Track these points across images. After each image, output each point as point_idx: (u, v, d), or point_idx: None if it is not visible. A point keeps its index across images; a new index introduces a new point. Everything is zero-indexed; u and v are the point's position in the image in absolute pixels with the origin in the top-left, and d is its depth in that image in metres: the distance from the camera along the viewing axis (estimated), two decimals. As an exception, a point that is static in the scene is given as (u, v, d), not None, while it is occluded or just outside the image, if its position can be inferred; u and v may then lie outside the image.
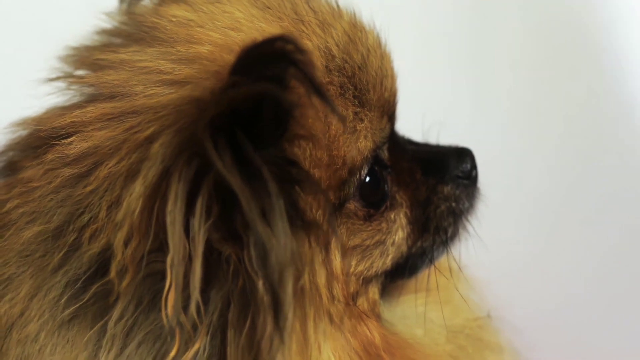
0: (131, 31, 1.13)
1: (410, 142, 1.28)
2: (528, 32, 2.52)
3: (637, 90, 2.49)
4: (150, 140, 0.91)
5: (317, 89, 0.88)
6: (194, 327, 0.91)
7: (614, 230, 2.35)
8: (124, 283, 0.91)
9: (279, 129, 0.93)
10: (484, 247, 1.34)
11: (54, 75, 1.16)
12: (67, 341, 0.97)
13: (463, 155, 1.27)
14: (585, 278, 2.27)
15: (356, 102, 1.08)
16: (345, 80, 1.07)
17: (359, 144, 1.07)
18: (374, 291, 1.17)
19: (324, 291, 1.01)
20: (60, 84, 1.14)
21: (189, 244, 0.87)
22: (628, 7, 2.52)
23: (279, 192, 0.87)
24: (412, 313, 1.26)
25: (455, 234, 1.25)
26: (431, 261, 1.23)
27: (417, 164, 1.23)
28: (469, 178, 1.26)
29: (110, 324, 0.94)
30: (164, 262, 0.90)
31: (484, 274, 1.40)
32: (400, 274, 1.22)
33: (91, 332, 0.96)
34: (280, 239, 0.86)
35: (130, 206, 0.89)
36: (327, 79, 1.04)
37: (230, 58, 0.90)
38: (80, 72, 1.13)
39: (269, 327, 0.88)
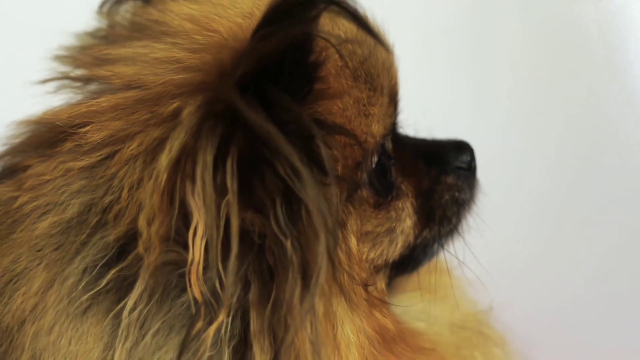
0: (128, 30, 1.14)
1: (408, 137, 1.30)
2: (528, 31, 2.57)
3: (637, 89, 2.53)
4: (174, 114, 0.91)
5: (362, 22, 0.92)
6: (218, 303, 0.91)
7: (614, 230, 2.39)
8: (151, 259, 0.91)
9: (305, 87, 0.95)
10: (483, 247, 1.35)
11: (49, 76, 1.16)
12: (82, 333, 0.96)
13: (462, 147, 1.31)
14: (585, 278, 2.29)
15: (369, 86, 1.10)
16: (358, 65, 1.09)
17: (372, 128, 1.09)
18: (381, 281, 1.18)
19: (344, 265, 1.02)
20: (59, 84, 1.14)
21: (217, 212, 0.87)
22: (628, 7, 2.56)
23: (322, 142, 0.88)
24: (412, 309, 1.27)
25: (459, 224, 1.28)
26: (434, 253, 1.26)
27: (418, 155, 1.25)
28: (469, 169, 1.29)
29: (125, 313, 0.94)
30: (176, 251, 0.91)
31: (483, 273, 1.41)
32: (405, 266, 1.24)
33: (106, 322, 0.95)
34: (326, 188, 0.88)
35: (157, 180, 0.89)
36: (342, 63, 1.05)
37: (248, 36, 0.91)
38: (79, 71, 1.13)
39: (299, 287, 0.89)
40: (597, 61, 2.57)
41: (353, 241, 1.06)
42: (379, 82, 1.12)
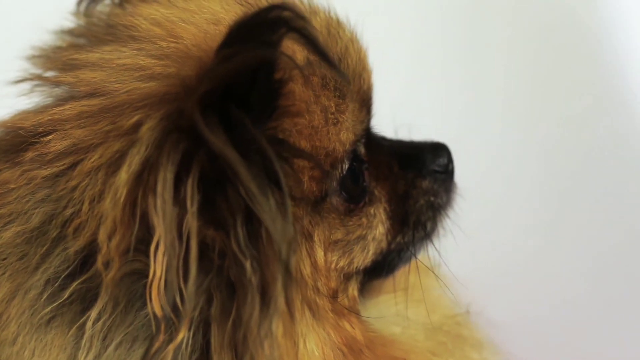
0: (102, 31, 1.12)
1: (384, 139, 1.28)
2: (522, 28, 2.54)
3: (633, 87, 2.51)
4: (135, 127, 0.90)
5: (320, 51, 0.89)
6: (178, 318, 0.89)
7: (608, 229, 2.38)
8: (110, 275, 0.90)
9: (269, 107, 0.93)
10: (470, 244, 1.34)
11: (21, 77, 1.14)
12: (46, 344, 0.95)
13: (439, 150, 1.29)
14: (581, 278, 2.28)
15: (337, 94, 1.08)
16: (327, 72, 1.07)
17: (341, 136, 1.07)
18: (353, 288, 1.16)
19: (309, 281, 1.01)
20: (28, 86, 1.12)
21: (176, 229, 0.86)
22: (627, 4, 2.54)
23: (277, 164, 0.87)
24: (388, 312, 1.27)
25: (434, 229, 1.26)
26: (410, 257, 1.24)
27: (393, 158, 1.23)
28: (446, 172, 1.27)
29: (88, 324, 0.93)
30: (141, 261, 0.90)
31: (470, 270, 1.40)
32: (378, 272, 1.22)
33: (69, 333, 0.94)
34: (280, 213, 0.86)
35: (116, 195, 0.88)
36: (310, 71, 1.04)
37: (213, 45, 0.90)
38: (50, 73, 1.11)
39: (257, 309, 0.88)
40: (594, 57, 2.55)
41: (320, 252, 1.05)
42: (348, 88, 1.10)
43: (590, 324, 2.17)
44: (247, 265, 0.88)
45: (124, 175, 0.88)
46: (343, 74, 1.02)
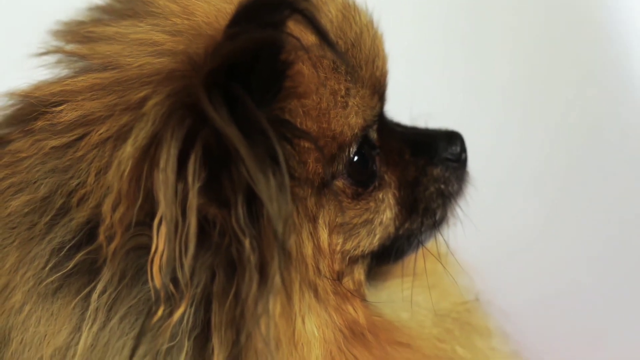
0: (123, 7, 1.13)
1: (398, 125, 1.28)
2: (524, 19, 2.53)
3: (634, 80, 2.50)
4: (142, 101, 0.90)
5: (323, 33, 0.90)
6: (180, 294, 0.90)
7: (609, 216, 2.37)
8: (112, 247, 0.91)
9: (274, 87, 0.93)
10: (478, 232, 1.33)
11: (44, 49, 1.15)
12: (52, 314, 0.96)
13: (453, 138, 1.28)
14: (582, 266, 2.28)
15: (349, 78, 1.08)
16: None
17: (350, 120, 1.07)
18: (359, 272, 1.17)
19: (310, 262, 1.01)
20: (51, 58, 1.13)
21: (179, 205, 0.87)
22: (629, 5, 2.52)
23: (279, 143, 0.88)
24: (398, 297, 1.26)
25: (443, 217, 1.25)
26: (419, 244, 1.23)
27: (406, 144, 1.23)
28: (458, 161, 1.26)
29: (94, 296, 0.94)
30: (148, 235, 0.90)
31: (479, 258, 1.40)
32: (386, 257, 1.22)
33: (75, 304, 0.96)
34: (279, 192, 0.87)
35: (120, 167, 0.89)
36: (321, 53, 1.04)
37: (224, 24, 0.91)
38: (71, 46, 1.12)
39: (254, 287, 0.89)
40: (598, 48, 2.53)
41: (324, 234, 1.05)
42: (360, 73, 1.10)
43: (596, 310, 2.17)
44: (247, 243, 0.89)
45: (129, 149, 0.89)
46: (343, 57, 1.02)
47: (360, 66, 1.10)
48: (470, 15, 2.52)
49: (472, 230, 1.33)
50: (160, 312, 0.90)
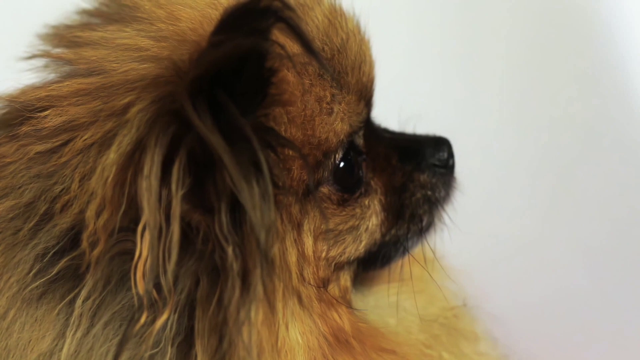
0: (111, 11, 1.13)
1: (386, 131, 1.28)
2: (518, 20, 2.53)
3: (629, 81, 2.50)
4: (126, 108, 0.90)
5: (305, 42, 0.89)
6: (163, 300, 0.90)
7: (601, 219, 2.38)
8: (95, 253, 0.91)
9: (259, 94, 0.93)
10: (469, 236, 1.33)
11: (32, 53, 1.14)
12: (36, 319, 0.96)
13: (440, 144, 1.27)
14: (572, 268, 2.29)
15: (334, 84, 1.08)
16: (325, 62, 1.07)
17: (335, 126, 1.07)
18: (345, 278, 1.16)
19: (294, 270, 1.01)
20: (38, 62, 1.13)
21: (162, 212, 0.87)
22: (624, 1, 2.52)
23: (262, 152, 0.87)
24: (385, 302, 1.26)
25: (430, 223, 1.25)
26: (405, 250, 1.23)
27: (393, 150, 1.23)
28: (446, 167, 1.26)
29: (78, 302, 0.94)
30: (133, 241, 0.90)
31: (470, 262, 1.40)
32: (372, 263, 1.22)
33: (59, 310, 0.96)
34: (262, 200, 0.87)
35: (104, 174, 0.89)
36: (307, 60, 1.03)
37: (209, 30, 0.90)
38: (58, 50, 1.12)
39: (237, 294, 0.89)
40: (592, 49, 2.54)
41: (309, 241, 1.05)
42: (346, 79, 1.10)
43: (587, 314, 2.17)
44: (229, 251, 0.89)
45: (112, 155, 0.89)
46: (327, 66, 1.01)
47: (346, 72, 1.10)
48: (463, 17, 2.53)
49: (463, 234, 1.32)
50: (143, 319, 0.90)
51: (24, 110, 1.01)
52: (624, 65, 2.48)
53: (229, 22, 0.86)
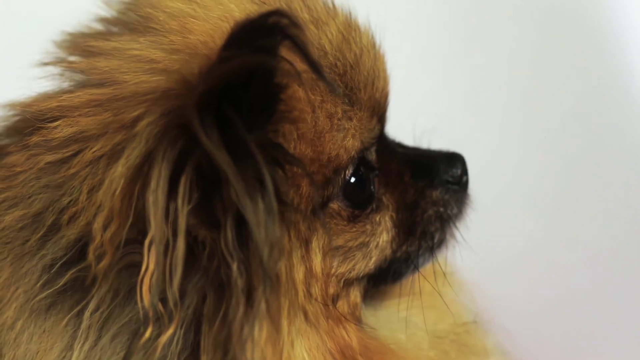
0: (127, 21, 1.13)
1: (400, 146, 1.27)
2: (525, 33, 2.51)
3: (633, 84, 2.49)
4: (136, 121, 0.90)
5: (311, 61, 0.88)
6: (169, 315, 0.90)
7: (608, 232, 2.36)
8: (101, 266, 0.91)
9: (267, 110, 0.93)
10: (477, 249, 1.32)
11: (47, 60, 1.15)
12: (44, 331, 0.96)
13: (454, 160, 1.26)
14: (578, 279, 2.27)
15: (346, 100, 1.07)
16: (337, 78, 1.07)
17: (346, 143, 1.06)
18: (355, 294, 1.15)
19: (300, 287, 1.00)
20: (52, 69, 1.13)
21: (169, 227, 0.86)
22: (626, 3, 2.51)
23: (267, 169, 0.87)
24: (396, 317, 1.25)
25: (442, 240, 1.23)
26: (416, 267, 1.22)
27: (406, 166, 1.21)
28: (459, 184, 1.24)
29: (86, 314, 0.94)
30: (141, 253, 0.89)
31: (477, 275, 1.39)
32: (383, 279, 1.21)
33: (67, 322, 0.96)
34: (267, 217, 0.86)
35: (111, 186, 0.88)
36: (316, 77, 1.03)
37: (220, 43, 0.90)
38: (72, 59, 1.12)
39: (241, 311, 0.88)
40: (595, 61, 2.51)
41: (317, 258, 1.04)
42: (358, 95, 1.09)
43: (594, 319, 2.17)
44: (234, 267, 0.88)
45: (120, 169, 0.89)
46: (332, 85, 1.00)
47: (359, 88, 1.09)
48: (471, 31, 2.51)
49: (469, 247, 1.31)
50: (148, 333, 0.90)
51: (34, 120, 1.01)
52: (630, 70, 2.47)
53: (238, 38, 0.86)
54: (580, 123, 2.47)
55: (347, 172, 1.08)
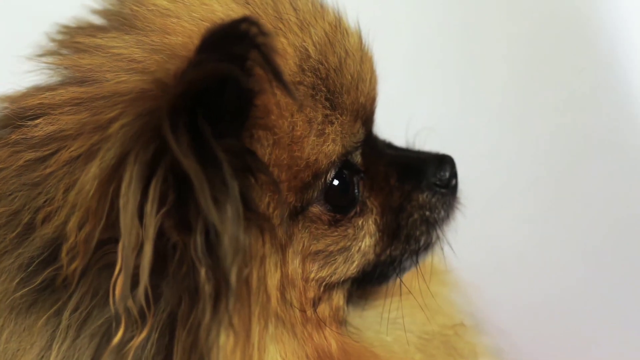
0: (116, 16, 1.12)
1: (390, 147, 1.25)
2: (520, 32, 2.49)
3: (632, 77, 2.46)
4: (111, 122, 0.89)
5: (275, 72, 0.87)
6: (142, 317, 0.90)
7: (606, 231, 2.34)
8: (73, 267, 0.91)
9: (241, 116, 0.92)
10: (473, 249, 1.31)
11: (37, 53, 1.14)
12: (24, 329, 0.96)
13: (443, 163, 1.23)
14: (575, 278, 2.26)
15: (327, 104, 1.05)
16: (319, 81, 1.05)
17: (326, 148, 1.04)
18: (338, 297, 1.14)
19: (273, 293, 0.99)
20: (42, 62, 1.13)
21: (140, 230, 0.86)
22: (625, 4, 2.48)
23: (233, 176, 0.86)
24: (384, 318, 1.23)
25: (429, 244, 1.21)
26: (403, 270, 1.21)
27: (393, 169, 1.19)
28: (447, 187, 1.22)
29: (66, 314, 0.94)
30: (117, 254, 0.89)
31: (473, 274, 1.38)
32: (368, 281, 1.20)
33: (47, 321, 0.96)
34: (232, 224, 0.86)
35: (84, 187, 0.88)
36: (299, 79, 1.02)
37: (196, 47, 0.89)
38: (62, 53, 1.12)
39: (207, 316, 0.88)
40: (593, 60, 2.48)
41: (294, 263, 1.03)
42: (341, 99, 1.07)
43: (591, 319, 2.16)
44: (202, 273, 0.88)
45: (94, 169, 0.88)
46: (294, 96, 0.97)
47: (341, 93, 1.07)
48: (467, 30, 2.50)
49: (465, 247, 1.30)
50: (119, 336, 0.90)
51: (15, 118, 1.01)
52: (627, 72, 2.44)
53: (209, 44, 0.85)
54: (577, 122, 2.45)
55: (328, 176, 1.06)
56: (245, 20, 0.83)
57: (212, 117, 0.87)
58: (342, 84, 1.08)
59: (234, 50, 0.84)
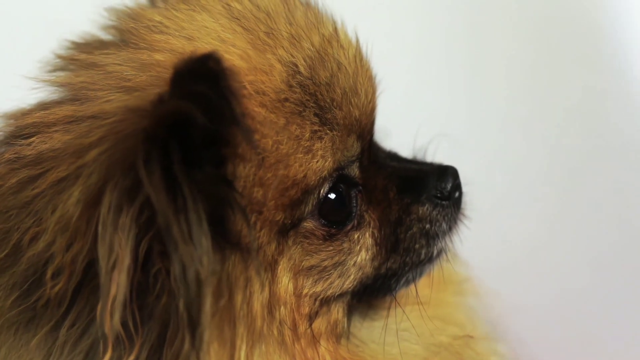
0: (117, 32, 1.13)
1: (394, 158, 1.23)
2: (526, 36, 2.48)
3: (634, 85, 2.44)
4: (90, 147, 0.90)
5: (232, 113, 0.87)
6: (130, 340, 0.90)
7: (612, 225, 2.34)
8: (56, 289, 0.92)
9: (215, 144, 0.92)
10: (479, 251, 1.30)
11: (43, 70, 1.16)
12: (22, 345, 0.98)
13: (444, 174, 1.20)
14: (580, 280, 2.25)
15: (316, 120, 1.03)
16: (307, 97, 1.03)
17: (314, 164, 1.03)
18: (337, 311, 1.13)
19: (260, 313, 0.99)
20: (45, 81, 1.14)
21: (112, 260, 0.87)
22: (627, 5, 2.45)
23: (199, 209, 0.87)
24: (392, 329, 1.21)
25: (429, 257, 1.19)
26: (407, 282, 1.19)
27: (393, 181, 1.17)
28: (449, 199, 1.20)
29: (63, 330, 0.95)
30: None
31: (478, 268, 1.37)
32: (371, 294, 1.18)
33: (45, 336, 0.97)
34: (199, 257, 0.86)
35: (67, 211, 0.89)
36: (285, 96, 1.01)
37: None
38: (63, 69, 1.13)
39: (186, 345, 0.89)
40: (596, 65, 2.47)
41: (284, 281, 1.03)
42: (331, 115, 1.05)
43: (596, 319, 2.15)
44: (181, 302, 0.88)
45: (76, 194, 0.89)
46: (245, 131, 0.96)
47: (331, 108, 1.05)
48: (472, 34, 2.50)
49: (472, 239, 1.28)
50: (107, 357, 0.90)
51: (10, 137, 1.02)
52: (635, 75, 2.42)
53: (177, 79, 0.86)
54: (583, 125, 2.44)
55: (321, 191, 1.05)
56: (209, 57, 0.84)
57: (186, 147, 0.87)
58: (333, 99, 1.06)
59: (196, 88, 0.85)
